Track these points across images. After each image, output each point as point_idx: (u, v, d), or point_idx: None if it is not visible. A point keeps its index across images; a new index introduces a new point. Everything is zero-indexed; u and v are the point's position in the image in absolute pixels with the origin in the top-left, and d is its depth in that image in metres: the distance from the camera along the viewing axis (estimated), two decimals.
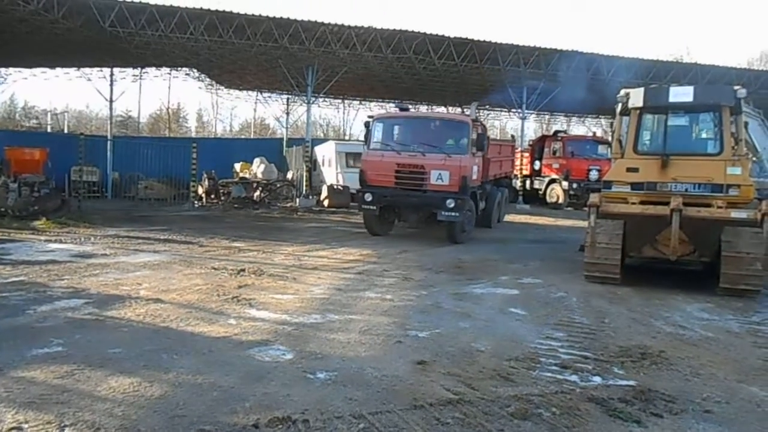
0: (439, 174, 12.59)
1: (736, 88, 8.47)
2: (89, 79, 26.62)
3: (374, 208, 13.11)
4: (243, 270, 8.67)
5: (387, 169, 12.94)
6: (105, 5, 17.73)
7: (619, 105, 9.09)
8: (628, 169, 8.73)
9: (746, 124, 9.67)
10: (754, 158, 12.01)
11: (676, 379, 4.77)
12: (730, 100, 8.40)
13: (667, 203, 8.04)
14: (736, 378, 4.85)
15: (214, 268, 8.81)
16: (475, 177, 13.30)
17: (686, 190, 8.29)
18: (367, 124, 14.10)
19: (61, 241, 11.11)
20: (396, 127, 13.87)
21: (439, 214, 12.56)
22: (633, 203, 8.50)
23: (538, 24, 79.01)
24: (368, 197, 13.05)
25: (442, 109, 36.33)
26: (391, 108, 36.41)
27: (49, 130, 37.08)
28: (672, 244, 8.10)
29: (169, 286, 7.51)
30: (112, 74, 26.13)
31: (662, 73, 22.27)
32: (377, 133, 13.59)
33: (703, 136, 9.09)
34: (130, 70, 27.27)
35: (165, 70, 28.59)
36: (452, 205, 12.39)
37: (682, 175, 8.35)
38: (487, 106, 34.30)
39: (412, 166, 12.79)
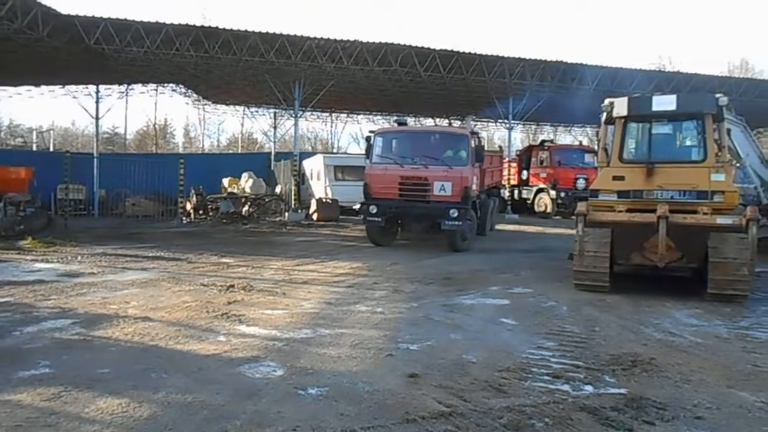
0: (442, 185, 13.06)
1: (718, 95, 8.59)
2: (75, 97, 26.49)
3: (379, 219, 13.50)
4: (232, 286, 8.61)
5: (391, 181, 13.35)
6: (90, 23, 17.72)
7: (604, 114, 9.18)
8: (614, 178, 8.80)
9: (729, 131, 9.78)
10: (737, 164, 12.17)
11: (667, 386, 4.78)
12: (712, 107, 8.51)
13: (654, 211, 8.11)
14: (726, 383, 4.87)
15: (203, 285, 8.75)
16: (474, 187, 13.65)
17: (672, 197, 8.37)
18: (368, 139, 14.54)
19: (47, 261, 10.99)
20: (398, 141, 14.29)
21: (443, 223, 12.97)
22: (620, 211, 8.56)
23: (521, 35, 79.80)
24: (373, 209, 13.39)
25: (429, 121, 36.56)
26: (380, 121, 36.61)
27: (34, 148, 36.78)
28: (659, 251, 8.16)
29: (157, 303, 7.45)
30: (97, 91, 26.01)
31: (645, 82, 22.56)
32: (379, 147, 13.99)
33: (687, 143, 9.19)
34: (116, 87, 27.17)
35: (151, 86, 28.53)
36: (455, 215, 12.85)
37: (667, 182, 8.43)
38: (474, 117, 34.54)
39: (415, 178, 13.23)
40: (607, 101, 9.17)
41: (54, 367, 4.96)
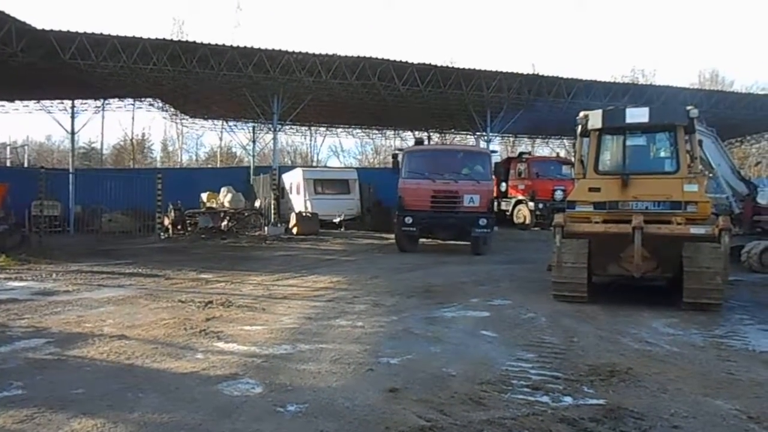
0: (471, 197, 14.91)
1: (688, 108, 8.75)
2: (50, 112, 26.20)
3: (414, 229, 15.16)
4: (211, 302, 8.52)
5: (424, 195, 14.99)
6: (65, 37, 17.59)
7: (579, 127, 9.30)
8: (590, 189, 8.90)
9: (700, 142, 10.00)
10: (709, 175, 12.43)
11: (644, 396, 4.82)
12: (683, 119, 8.68)
13: (629, 221, 8.20)
14: (701, 392, 4.92)
15: (181, 301, 8.65)
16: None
17: (646, 208, 8.48)
18: (395, 156, 16.65)
19: (21, 279, 10.80)
20: (426, 159, 16.01)
21: (473, 230, 14.82)
22: (596, 222, 8.65)
23: (500, 50, 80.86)
24: (409, 220, 14.99)
25: (408, 134, 36.85)
26: (358, 134, 36.63)
27: (8, 164, 36.17)
28: (635, 262, 8.24)
29: (134, 321, 7.34)
30: (73, 106, 25.75)
31: (620, 94, 22.98)
32: (409, 164, 15.59)
33: (661, 155, 9.35)
34: (92, 102, 26.93)
35: (128, 100, 28.33)
36: (484, 223, 14.80)
37: (642, 193, 8.55)
38: (453, 130, 34.80)
39: (447, 192, 14.95)
40: (582, 114, 9.29)
41: (27, 388, 4.85)
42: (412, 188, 15.20)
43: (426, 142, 26.16)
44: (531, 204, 23.53)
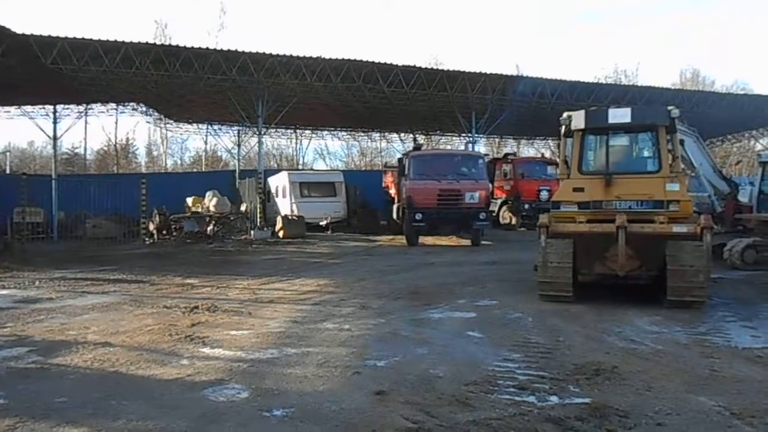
0: (472, 195, 16.99)
1: (670, 108, 8.82)
2: (31, 117, 25.89)
3: (424, 224, 17.06)
4: (196, 307, 8.46)
5: (430, 193, 16.95)
6: (46, 42, 17.41)
7: (563, 127, 9.35)
8: (575, 189, 8.95)
9: (682, 141, 10.11)
10: (691, 174, 12.57)
11: (629, 394, 4.86)
12: (665, 119, 8.75)
13: (613, 221, 8.27)
14: (685, 389, 4.97)
15: (166, 307, 8.58)
16: None
17: (630, 207, 8.54)
18: (400, 160, 18.93)
19: (3, 287, 10.65)
20: (430, 162, 18.08)
21: (474, 223, 17.05)
22: (581, 222, 8.70)
23: (480, 51, 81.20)
24: (418, 216, 16.90)
25: (395, 136, 36.93)
26: (345, 136, 36.57)
27: None
28: (620, 261, 8.31)
29: (118, 328, 7.27)
30: (55, 111, 25.48)
31: (603, 95, 23.18)
32: (415, 167, 17.51)
33: (643, 154, 9.43)
34: (74, 107, 26.66)
35: (111, 105, 28.09)
36: (484, 217, 17.20)
37: (625, 192, 8.61)
38: (438, 131, 34.90)
39: (451, 191, 17.03)
40: (565, 114, 9.33)
41: (9, 397, 4.78)
42: (420, 188, 17.00)
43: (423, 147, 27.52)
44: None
